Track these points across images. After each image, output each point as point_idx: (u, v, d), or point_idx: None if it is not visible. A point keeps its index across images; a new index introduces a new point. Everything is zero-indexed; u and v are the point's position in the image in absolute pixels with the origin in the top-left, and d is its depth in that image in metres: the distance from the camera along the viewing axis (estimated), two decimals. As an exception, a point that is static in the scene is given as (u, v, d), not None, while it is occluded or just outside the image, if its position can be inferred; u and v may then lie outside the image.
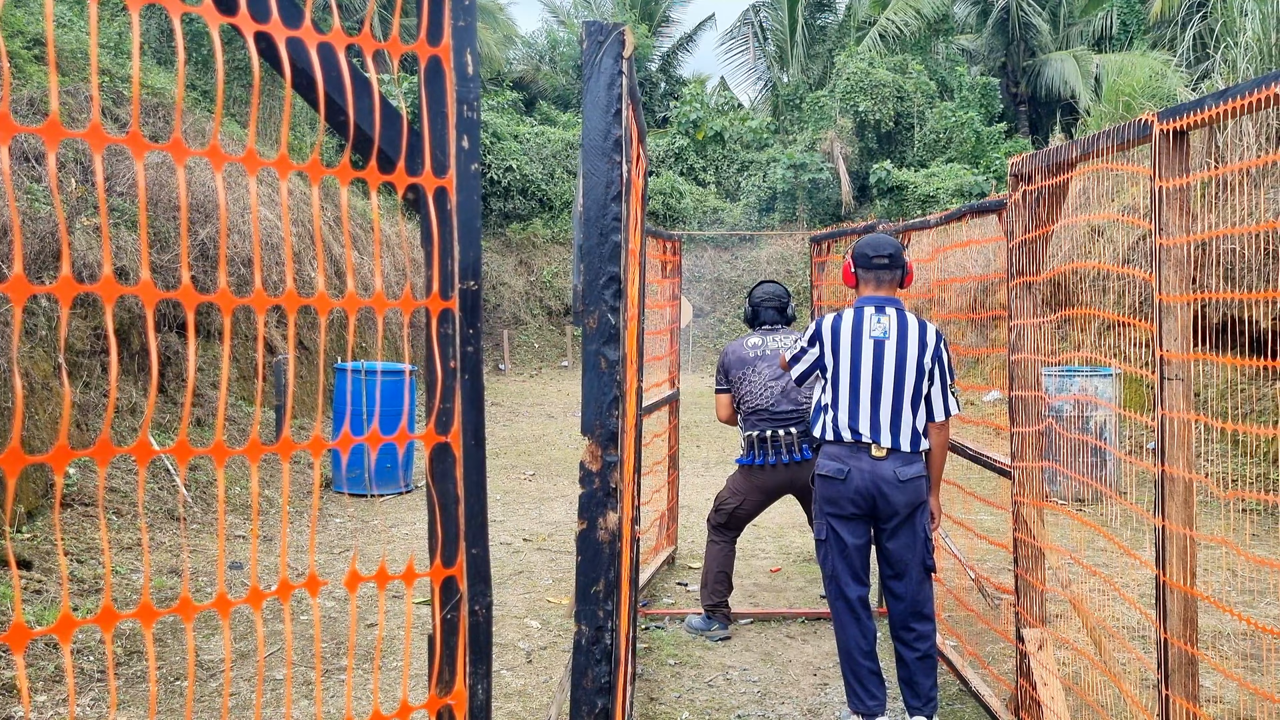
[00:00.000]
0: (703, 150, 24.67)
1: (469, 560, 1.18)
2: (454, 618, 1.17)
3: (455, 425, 1.16)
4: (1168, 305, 2.69)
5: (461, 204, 1.17)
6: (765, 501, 5.52)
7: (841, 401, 4.15)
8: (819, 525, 4.31)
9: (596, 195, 1.62)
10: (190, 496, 7.24)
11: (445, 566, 1.17)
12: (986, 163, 22.73)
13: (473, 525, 1.18)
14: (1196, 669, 2.70)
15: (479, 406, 1.19)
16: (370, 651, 5.19)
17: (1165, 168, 2.67)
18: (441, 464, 1.18)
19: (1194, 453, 2.69)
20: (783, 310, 5.60)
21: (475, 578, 1.19)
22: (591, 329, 1.65)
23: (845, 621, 4.24)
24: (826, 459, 4.20)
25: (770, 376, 5.38)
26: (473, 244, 1.19)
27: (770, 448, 5.33)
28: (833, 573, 4.25)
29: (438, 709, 1.17)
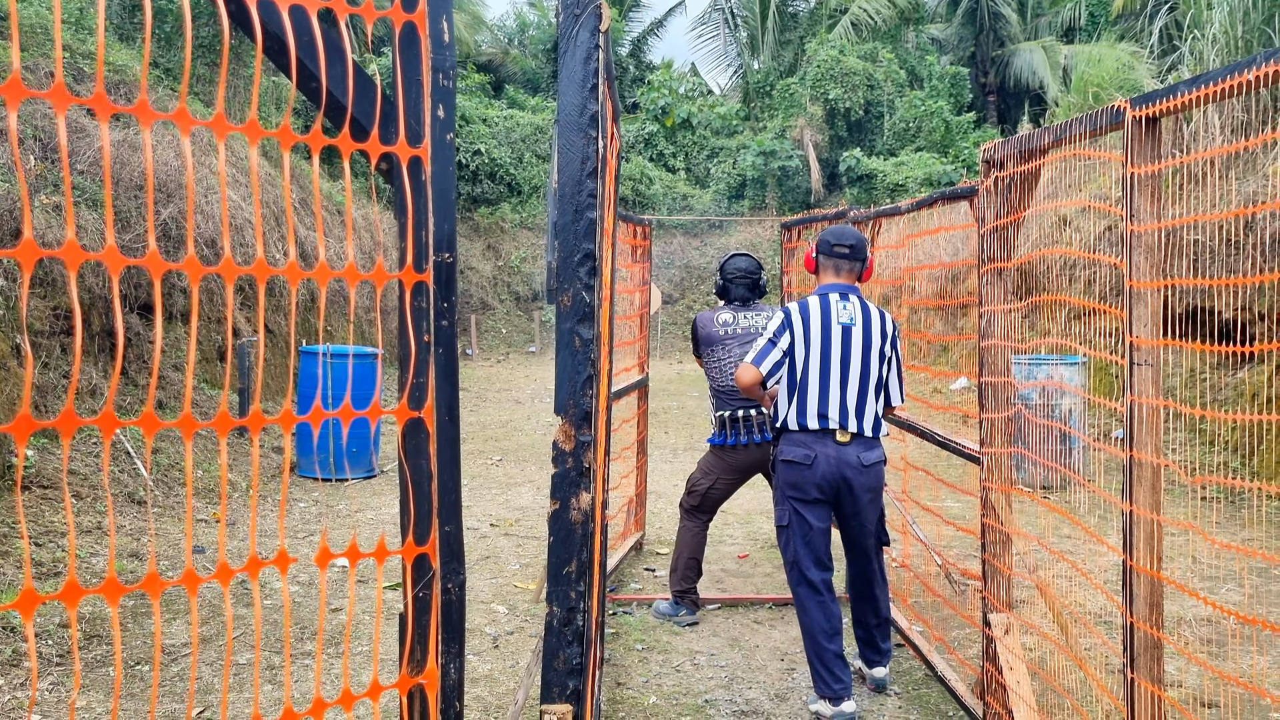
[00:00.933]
0: (672, 136, 24.63)
1: (442, 538, 1.16)
2: (426, 596, 1.15)
3: (429, 400, 1.14)
4: (1138, 291, 2.70)
5: (436, 174, 1.15)
6: (737, 481, 5.52)
7: (811, 388, 4.18)
8: (781, 511, 4.34)
9: (572, 171, 1.60)
10: (152, 480, 7.15)
11: (418, 544, 1.15)
12: (955, 152, 22.84)
13: (446, 502, 1.16)
14: (1161, 653, 2.72)
15: (453, 382, 1.17)
16: (337, 635, 5.16)
17: (1137, 154, 2.68)
18: (414, 440, 1.16)
19: (1162, 438, 2.70)
20: (755, 286, 5.58)
21: (448, 555, 1.17)
22: (566, 307, 1.63)
23: (809, 606, 4.28)
24: (791, 445, 4.23)
25: (739, 356, 5.37)
26: (447, 216, 1.16)
27: (742, 427, 5.34)
28: (795, 558, 4.30)
29: (409, 688, 1.15)
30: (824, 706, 4.25)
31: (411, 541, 1.13)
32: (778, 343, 4.23)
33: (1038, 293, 10.50)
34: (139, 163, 9.08)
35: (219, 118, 1.00)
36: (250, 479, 8.14)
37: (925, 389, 12.79)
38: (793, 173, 23.28)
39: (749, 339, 5.36)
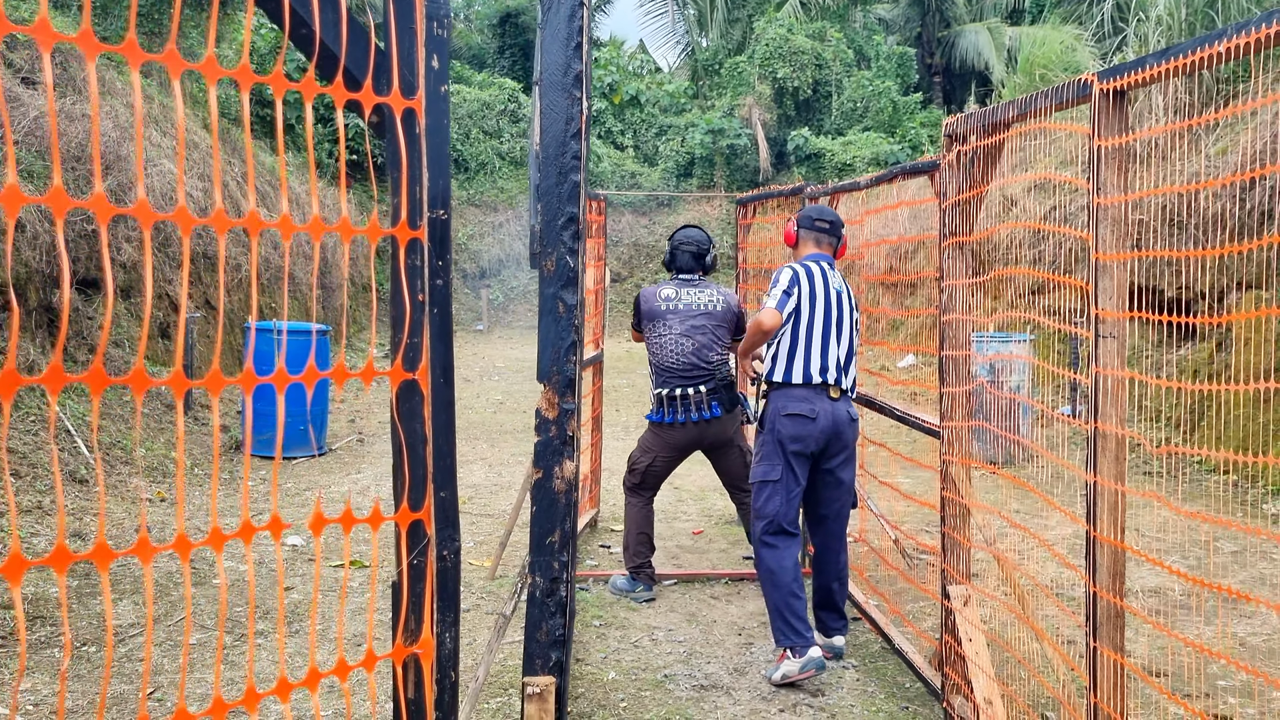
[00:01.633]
0: (621, 114, 24.52)
1: (437, 503, 1.13)
2: (421, 564, 1.12)
3: (424, 361, 1.10)
4: (1104, 264, 2.71)
5: (431, 127, 1.11)
6: (676, 459, 5.53)
7: (814, 345, 4.41)
8: (770, 466, 4.45)
9: (555, 132, 1.56)
10: (93, 459, 6.98)
11: (412, 510, 1.11)
12: (903, 132, 22.99)
13: (441, 467, 1.13)
14: (1123, 622, 2.76)
15: (448, 343, 1.13)
16: (305, 611, 5.07)
17: (1104, 127, 2.69)
18: (408, 403, 1.12)
19: (1126, 410, 2.73)
20: (700, 257, 5.54)
21: (444, 521, 1.13)
22: (549, 272, 1.59)
23: (784, 556, 4.43)
24: (793, 400, 4.41)
25: (680, 333, 5.36)
26: (442, 170, 1.12)
27: (680, 406, 5.34)
28: (776, 513, 4.43)
29: (404, 658, 1.11)
30: (790, 664, 4.30)
31: (406, 507, 1.10)
32: (792, 294, 4.41)
33: (986, 273, 10.61)
34: (76, 133, 8.84)
35: (210, 60, 0.95)
36: (199, 456, 8.00)
37: (875, 364, 12.89)
38: (741, 151, 23.30)
39: (690, 315, 5.36)
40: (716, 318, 5.38)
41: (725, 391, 5.36)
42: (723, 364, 5.39)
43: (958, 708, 3.76)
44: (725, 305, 5.43)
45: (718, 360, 5.34)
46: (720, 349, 5.37)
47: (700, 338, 5.34)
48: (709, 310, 5.39)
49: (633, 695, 4.28)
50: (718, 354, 5.34)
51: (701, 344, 5.33)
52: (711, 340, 5.35)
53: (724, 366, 5.40)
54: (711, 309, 5.39)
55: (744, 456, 5.50)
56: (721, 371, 5.37)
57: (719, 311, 5.40)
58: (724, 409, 5.35)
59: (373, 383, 6.43)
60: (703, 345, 5.33)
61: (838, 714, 4.13)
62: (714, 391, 5.33)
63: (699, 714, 4.11)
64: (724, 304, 5.43)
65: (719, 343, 5.37)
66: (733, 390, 5.40)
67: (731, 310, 5.45)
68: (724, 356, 5.40)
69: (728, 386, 5.38)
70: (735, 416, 5.44)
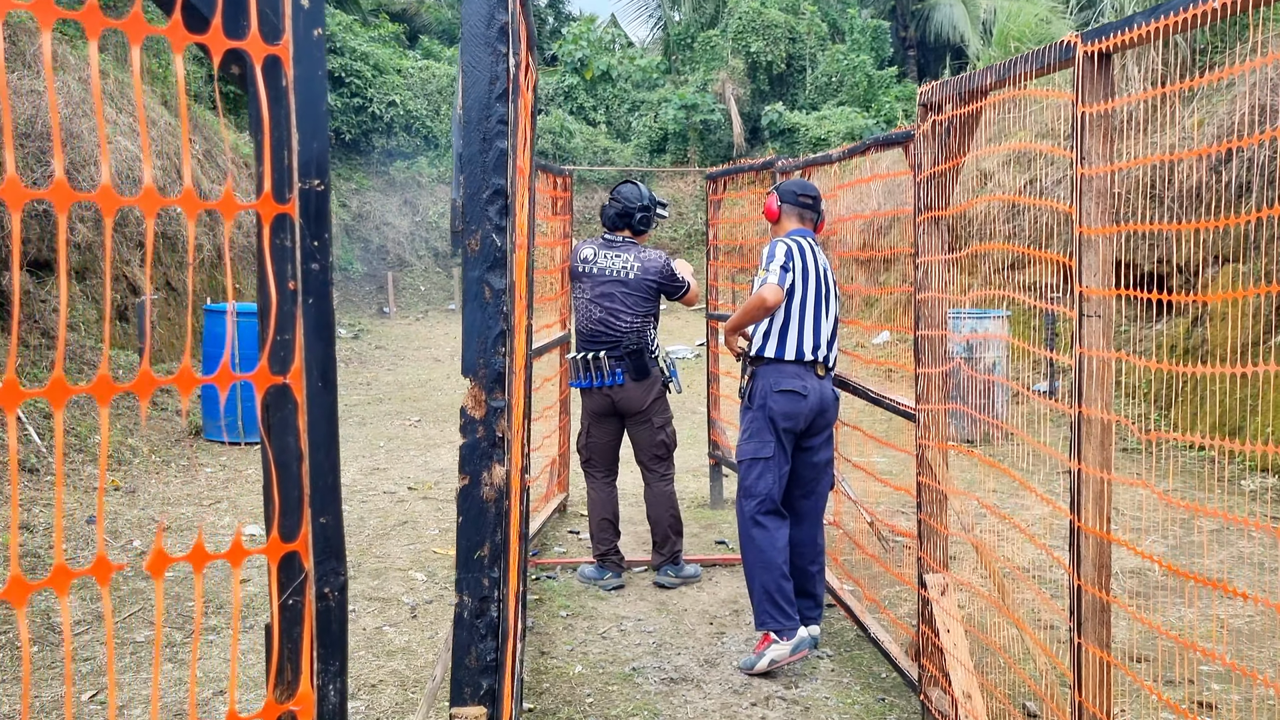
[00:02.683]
0: (593, 89, 24.21)
1: (316, 531, 0.94)
2: (298, 603, 0.93)
3: (296, 362, 0.91)
4: (1088, 239, 2.55)
5: (301, 79, 0.91)
6: (609, 428, 5.39)
7: (806, 322, 4.34)
8: (761, 443, 4.35)
9: (478, 94, 1.37)
10: (44, 447, 6.75)
11: (285, 540, 0.92)
12: (878, 107, 22.80)
13: (320, 488, 0.94)
14: (1109, 616, 2.61)
15: (328, 339, 0.94)
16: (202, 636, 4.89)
17: (1089, 92, 2.52)
18: (280, 411, 0.93)
19: (1113, 393, 2.58)
20: (625, 215, 5.34)
21: (324, 553, 0.95)
22: (474, 252, 1.40)
23: (776, 536, 4.33)
24: (785, 376, 4.33)
25: (589, 298, 5.23)
26: (316, 132, 0.93)
27: (592, 370, 5.20)
28: (768, 491, 4.34)
29: (277, 717, 0.93)
30: (779, 648, 4.18)
31: (277, 537, 0.91)
32: (789, 269, 4.31)
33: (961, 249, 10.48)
34: (25, 110, 8.54)
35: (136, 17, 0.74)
36: (152, 444, 7.76)
37: (849, 343, 12.76)
38: (714, 126, 23.06)
39: (602, 281, 5.20)
40: (629, 285, 5.21)
41: (631, 359, 5.20)
42: (632, 331, 5.21)
43: (935, 701, 3.62)
44: (641, 272, 5.22)
45: (626, 327, 5.19)
46: (630, 316, 5.20)
47: (608, 304, 5.20)
48: (621, 278, 5.21)
49: (599, 690, 4.12)
50: (626, 321, 5.19)
51: (609, 310, 5.20)
52: (620, 308, 5.20)
53: (634, 334, 5.22)
54: (625, 276, 5.21)
55: (655, 432, 5.35)
56: (630, 339, 5.20)
57: (633, 280, 5.21)
58: (630, 377, 5.20)
59: (340, 363, 6.18)
60: (610, 311, 5.20)
61: (812, 707, 3.99)
62: (619, 359, 5.19)
63: (668, 709, 3.96)
64: (639, 271, 5.22)
65: (629, 310, 5.20)
66: (642, 358, 5.23)
67: (648, 276, 5.23)
68: (636, 323, 5.22)
69: (635, 354, 5.21)
70: (649, 386, 5.27)
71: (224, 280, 12.01)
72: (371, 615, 4.83)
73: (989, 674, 3.99)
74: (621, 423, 5.37)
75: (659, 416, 5.35)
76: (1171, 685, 4.12)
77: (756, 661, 4.23)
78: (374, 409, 10.33)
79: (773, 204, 4.54)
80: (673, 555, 5.33)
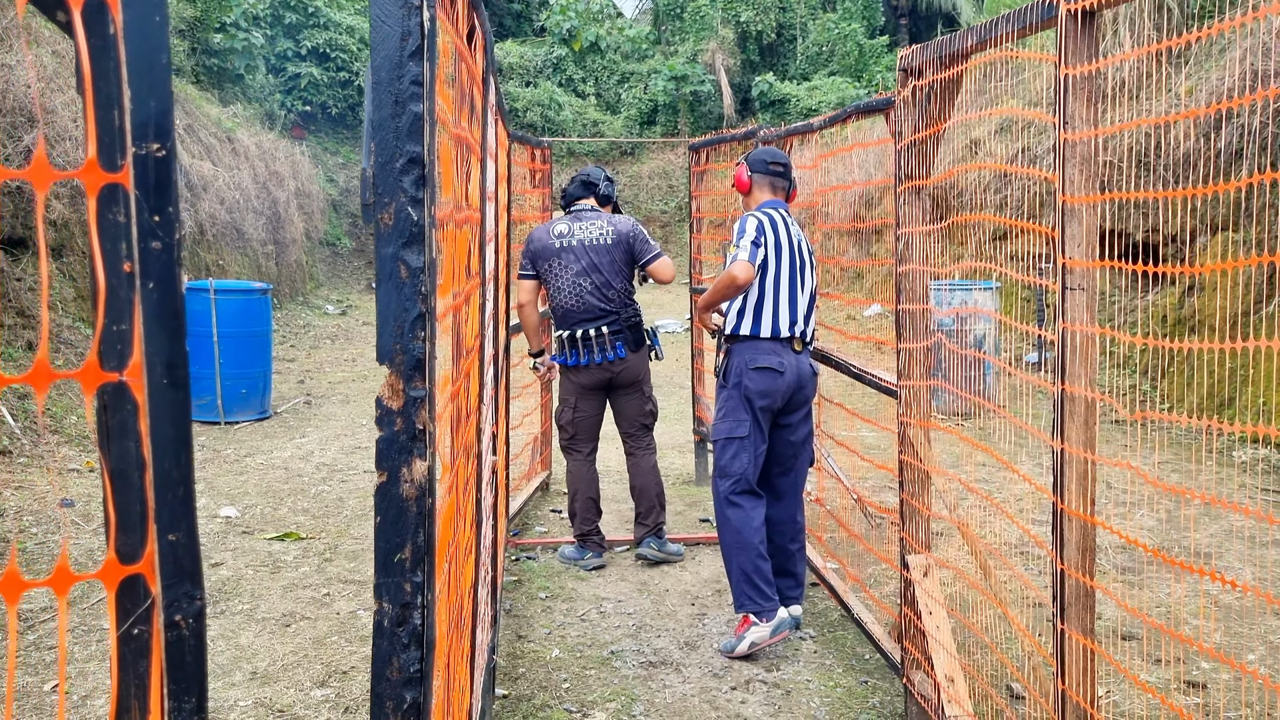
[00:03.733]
0: (582, 61, 23.95)
1: (164, 551, 0.82)
2: (144, 633, 0.81)
3: (135, 356, 0.79)
4: (1072, 207, 2.43)
5: (132, 25, 0.79)
6: (595, 402, 5.27)
7: (781, 298, 4.22)
8: (736, 422, 4.25)
9: (389, 51, 1.25)
10: (19, 428, 6.63)
11: (124, 562, 0.81)
12: (869, 77, 22.57)
13: (169, 500, 0.82)
14: (1094, 601, 2.51)
15: (175, 330, 0.82)
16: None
17: (1072, 53, 2.39)
18: (117, 414, 0.81)
19: (1097, 369, 2.46)
20: (589, 185, 5.24)
21: (175, 575, 0.83)
22: (387, 226, 1.28)
23: (752, 515, 4.24)
24: (761, 353, 4.22)
25: (576, 271, 5.07)
26: (155, 88, 0.81)
27: (582, 347, 5.07)
28: (743, 471, 4.25)
29: (124, 764, 0.81)
30: (758, 630, 4.11)
31: (114, 558, 0.80)
32: (760, 244, 4.18)
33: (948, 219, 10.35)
34: (-4, 85, 8.35)
35: None
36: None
37: (839, 316, 12.65)
38: (705, 98, 22.83)
39: (586, 251, 5.07)
40: (611, 251, 5.08)
41: (630, 331, 5.11)
42: (628, 302, 5.12)
43: (918, 684, 3.53)
44: (615, 235, 5.10)
45: (619, 297, 5.08)
46: (620, 281, 5.10)
47: (597, 276, 5.06)
48: (601, 244, 5.08)
49: (576, 674, 4.03)
50: (616, 290, 5.07)
51: (600, 282, 5.06)
52: (610, 277, 5.07)
53: (630, 306, 5.13)
54: (603, 241, 5.09)
55: (644, 401, 5.27)
56: (629, 312, 5.10)
57: (610, 244, 5.09)
58: (629, 349, 5.10)
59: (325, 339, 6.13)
60: (601, 284, 5.06)
61: (793, 690, 3.90)
62: (618, 332, 5.08)
63: (645, 693, 3.87)
64: (614, 234, 5.10)
65: (618, 275, 5.09)
66: (639, 329, 5.14)
67: (623, 238, 5.12)
68: (627, 291, 5.12)
69: (633, 326, 5.11)
70: (644, 356, 5.20)
71: (205, 256, 11.84)
72: (346, 599, 4.73)
73: (974, 655, 3.90)
74: (607, 396, 5.26)
75: (648, 385, 5.30)
76: (1160, 664, 4.03)
77: (737, 644, 4.13)
78: (358, 386, 10.21)
79: (743, 175, 4.39)
80: (657, 527, 5.23)
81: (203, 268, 11.75)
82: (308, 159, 17.15)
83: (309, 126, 20.06)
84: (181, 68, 15.21)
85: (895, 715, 3.68)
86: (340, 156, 20.21)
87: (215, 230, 12.36)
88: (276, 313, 13.07)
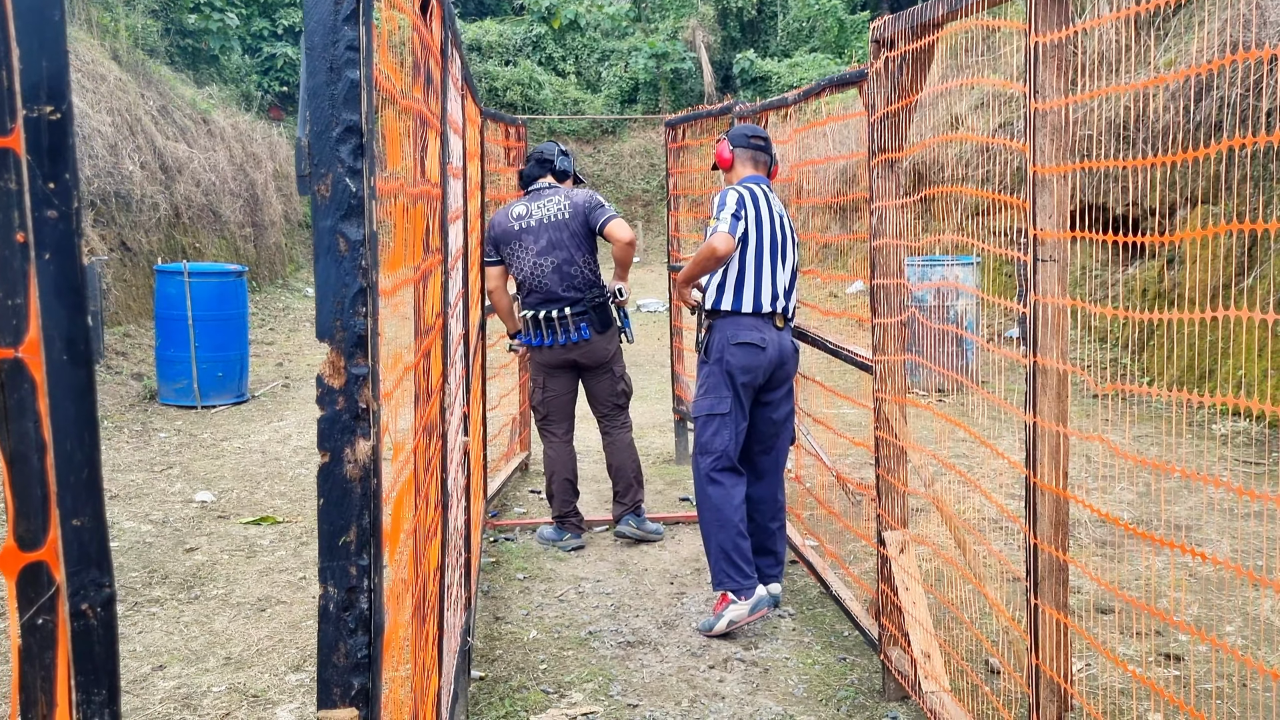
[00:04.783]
0: (561, 39, 23.79)
1: (68, 536, 0.78)
2: (48, 623, 0.77)
3: (31, 332, 0.75)
4: (1042, 178, 2.40)
5: (20, -23, 0.74)
6: (564, 381, 5.20)
7: (763, 272, 4.18)
8: (718, 399, 4.20)
9: (322, 14, 1.20)
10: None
11: (24, 549, 0.77)
12: (850, 53, 22.48)
13: (72, 484, 0.79)
14: (1067, 575, 2.49)
15: (74, 303, 0.78)
16: (190, 578, 4.73)
17: (1042, 20, 2.35)
18: (14, 393, 0.77)
19: (1068, 342, 2.43)
20: (545, 162, 5.16)
21: (80, 561, 0.79)
22: (324, 198, 1.24)
23: (732, 493, 4.21)
24: (743, 329, 4.17)
25: (536, 252, 4.99)
26: (47, 46, 0.77)
27: (546, 328, 5.02)
28: (724, 448, 4.21)
29: (31, 760, 0.78)
30: (737, 608, 4.10)
31: (13, 545, 0.76)
32: (741, 217, 4.11)
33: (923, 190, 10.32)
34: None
35: None
36: (105, 409, 7.56)
37: (820, 294, 12.62)
38: (686, 75, 22.72)
39: (545, 230, 4.99)
40: (569, 224, 4.99)
41: (595, 312, 5.03)
42: (592, 281, 5.05)
43: (895, 660, 3.52)
44: (573, 207, 5.01)
45: (582, 275, 5.01)
46: (583, 258, 5.01)
47: (559, 254, 4.98)
48: (560, 219, 4.99)
49: (554, 655, 4.00)
50: (580, 269, 5.00)
51: (562, 260, 4.97)
52: (572, 252, 4.98)
53: (595, 286, 5.06)
54: (561, 216, 5.00)
55: (615, 381, 5.21)
56: (594, 293, 5.04)
57: (568, 217, 4.99)
58: (594, 330, 5.03)
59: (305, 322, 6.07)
60: (563, 261, 4.97)
61: (771, 669, 3.88)
62: (582, 313, 5.00)
63: (623, 673, 3.85)
64: (571, 207, 5.01)
65: (580, 251, 5.01)
66: (606, 311, 5.07)
67: (579, 209, 5.02)
68: (591, 268, 5.05)
69: (598, 307, 5.04)
70: (611, 337, 5.12)
71: (181, 239, 11.74)
72: (322, 582, 4.69)
73: (952, 630, 3.89)
74: (578, 375, 5.21)
75: (618, 365, 5.22)
76: (1138, 637, 4.04)
77: (715, 623, 4.11)
78: (337, 369, 10.12)
79: (725, 150, 4.34)
80: (635, 505, 5.20)
81: (179, 251, 11.64)
82: (286, 140, 16.99)
83: (286, 107, 19.86)
84: (156, 49, 15.03)
85: (873, 691, 3.67)
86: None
87: (191, 213, 12.24)
88: (255, 296, 12.96)
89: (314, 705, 3.67)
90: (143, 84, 12.58)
